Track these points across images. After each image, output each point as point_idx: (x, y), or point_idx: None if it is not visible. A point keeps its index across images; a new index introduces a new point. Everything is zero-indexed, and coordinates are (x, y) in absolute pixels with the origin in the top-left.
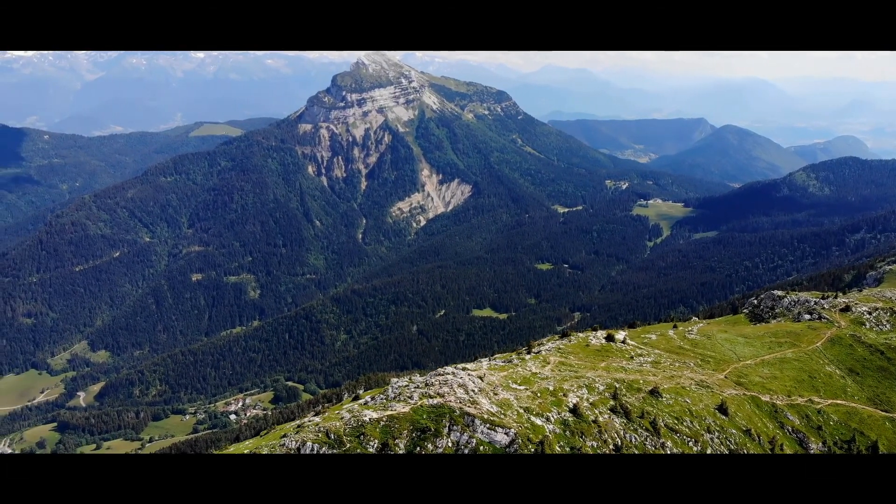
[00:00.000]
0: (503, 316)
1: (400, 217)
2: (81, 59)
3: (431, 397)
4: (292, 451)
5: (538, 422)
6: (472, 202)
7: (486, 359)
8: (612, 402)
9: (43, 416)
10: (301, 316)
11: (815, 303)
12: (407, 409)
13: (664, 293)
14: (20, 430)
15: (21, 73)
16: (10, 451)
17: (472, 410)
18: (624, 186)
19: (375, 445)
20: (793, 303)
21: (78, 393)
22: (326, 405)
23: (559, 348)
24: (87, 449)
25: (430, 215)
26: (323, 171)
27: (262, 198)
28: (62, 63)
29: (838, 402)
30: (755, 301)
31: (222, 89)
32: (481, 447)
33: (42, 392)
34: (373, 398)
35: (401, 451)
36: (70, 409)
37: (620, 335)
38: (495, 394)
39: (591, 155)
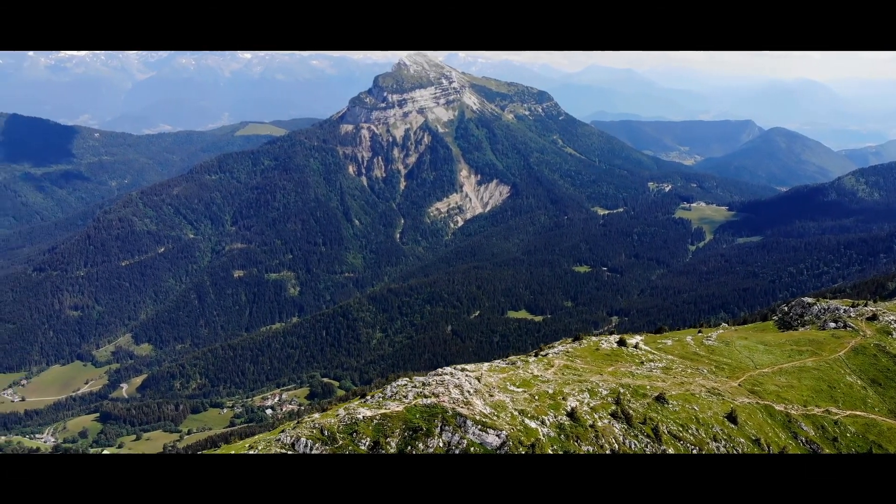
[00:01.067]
0: (538, 318)
1: (438, 217)
2: (133, 59)
3: (426, 397)
4: (286, 446)
5: (532, 425)
6: (511, 203)
7: (499, 362)
8: (613, 408)
9: (86, 406)
10: (338, 313)
11: (843, 311)
12: (401, 408)
13: (705, 298)
14: (64, 419)
15: (74, 73)
16: (53, 440)
17: (464, 411)
18: (667, 189)
19: (367, 443)
20: (822, 310)
21: (121, 384)
22: (343, 402)
23: (567, 352)
24: (128, 439)
25: (468, 216)
26: (363, 171)
27: (303, 197)
28: (114, 63)
29: (857, 413)
30: (785, 308)
31: (268, 89)
32: (472, 448)
33: (86, 383)
34: (372, 396)
35: (392, 450)
36: (113, 400)
37: (634, 340)
38: (491, 395)
39: (634, 156)
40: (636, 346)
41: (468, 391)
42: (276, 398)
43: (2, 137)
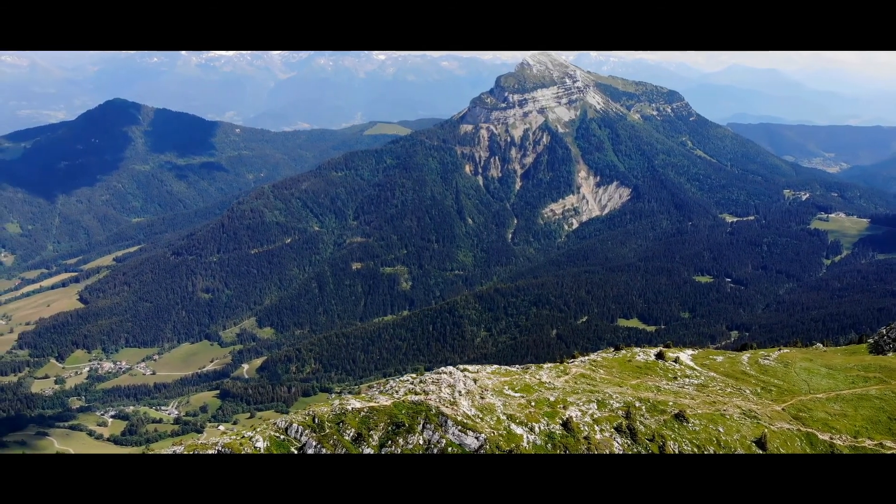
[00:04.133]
0: (651, 328)
1: (552, 219)
2: (276, 59)
3: (416, 394)
4: (280, 430)
5: (518, 430)
6: (630, 206)
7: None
8: (621, 421)
9: (209, 383)
10: (445, 310)
11: None
12: (389, 402)
13: (835, 317)
14: (188, 394)
15: (222, 72)
16: (176, 412)
17: (447, 411)
18: (804, 197)
19: (352, 434)
20: None
21: (242, 365)
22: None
23: (594, 361)
24: (243, 416)
25: (584, 218)
26: (479, 170)
27: (420, 195)
28: (259, 63)
29: None
30: (883, 331)
31: (399, 90)
32: (450, 448)
33: (211, 361)
34: (371, 388)
35: (374, 443)
36: (233, 378)
37: (676, 354)
38: (482, 397)
39: (771, 161)
40: (676, 361)
41: (459, 391)
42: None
43: (150, 129)
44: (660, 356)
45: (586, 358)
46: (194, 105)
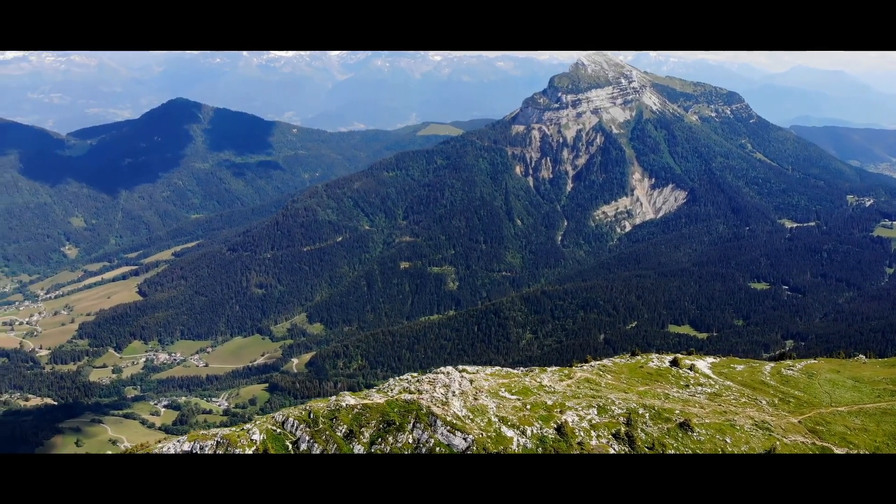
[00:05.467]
0: (703, 335)
1: (603, 221)
2: (334, 60)
3: (411, 393)
4: (277, 424)
5: (509, 433)
6: (686, 210)
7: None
8: (620, 428)
9: (259, 376)
10: (490, 311)
11: None
12: (382, 400)
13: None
14: (238, 387)
15: (282, 73)
16: (226, 404)
17: (437, 411)
18: (868, 203)
19: (343, 430)
20: None
21: (292, 359)
22: None
23: (603, 366)
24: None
25: (637, 221)
26: (530, 171)
27: (469, 195)
28: (317, 64)
29: None
30: None
31: (454, 90)
32: (438, 448)
33: (262, 355)
34: (370, 386)
35: (365, 440)
36: (283, 372)
37: (699, 361)
38: (475, 399)
39: (834, 166)
40: (691, 368)
41: (453, 392)
42: None
43: (210, 128)
44: (674, 363)
45: (596, 363)
46: (255, 105)
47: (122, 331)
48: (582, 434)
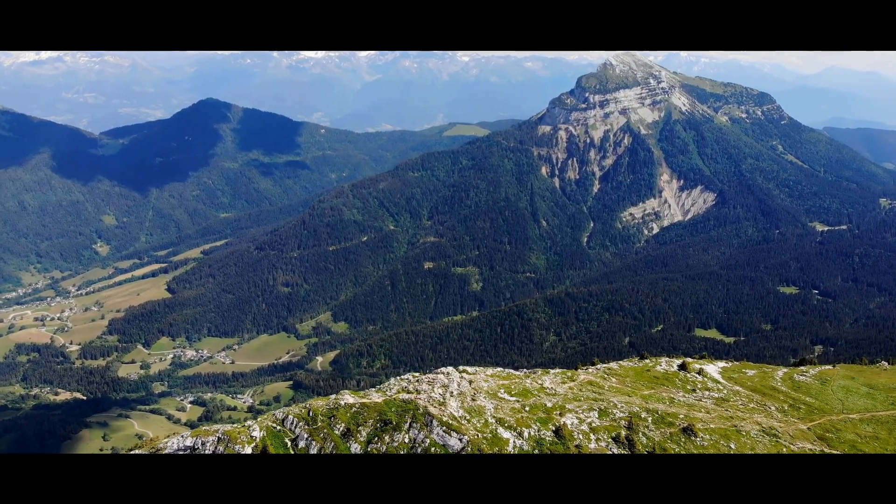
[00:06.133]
0: (730, 339)
1: (630, 223)
2: (362, 61)
3: (409, 392)
4: (278, 421)
5: (505, 434)
6: (715, 212)
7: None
8: (621, 431)
9: (283, 374)
10: (514, 312)
11: None
12: (381, 399)
13: None
14: (263, 384)
15: (311, 73)
16: (251, 401)
17: (434, 411)
18: None
19: (341, 429)
20: None
21: (316, 357)
22: None
23: (609, 368)
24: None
25: (665, 223)
26: (556, 172)
27: (494, 196)
28: (346, 65)
29: None
30: None
31: (481, 91)
32: (433, 448)
33: (287, 353)
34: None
35: (362, 439)
36: (307, 370)
37: (709, 366)
38: (473, 399)
39: (868, 168)
40: (699, 373)
41: (451, 392)
42: None
43: (239, 127)
44: (682, 367)
45: (602, 366)
46: (284, 105)
47: (150, 327)
48: (581, 437)
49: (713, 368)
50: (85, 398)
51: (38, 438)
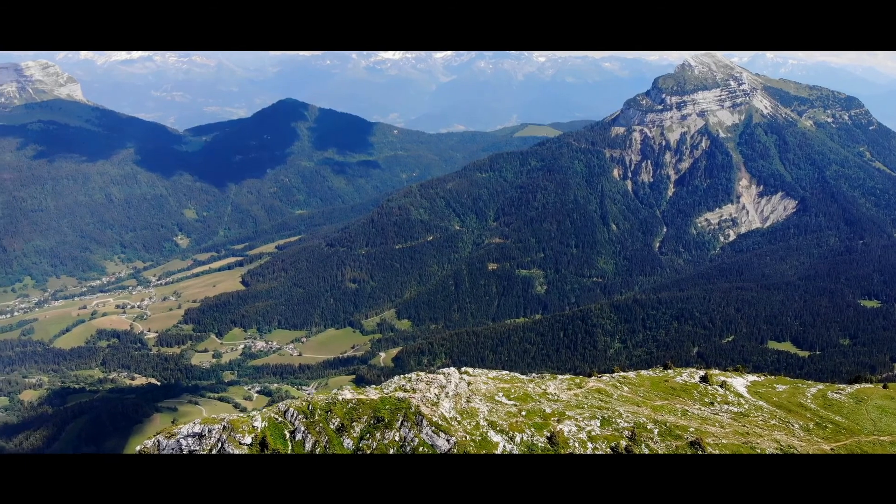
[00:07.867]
0: (804, 353)
1: (706, 229)
2: (438, 62)
3: (405, 391)
4: (280, 413)
5: (495, 438)
6: (795, 220)
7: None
8: (621, 442)
9: (347, 368)
10: (577, 317)
11: None
12: (377, 396)
13: None
14: (327, 377)
15: (388, 74)
16: (313, 391)
17: (425, 411)
18: None
19: (336, 424)
20: None
21: (379, 353)
22: None
23: (623, 377)
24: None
25: (742, 230)
26: (629, 174)
27: (562, 198)
28: (422, 66)
29: None
30: None
31: (557, 92)
32: (422, 448)
33: (352, 347)
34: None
35: (355, 434)
36: (369, 365)
37: (736, 379)
38: (468, 401)
39: None
40: (721, 385)
41: (447, 393)
42: None
43: (315, 126)
44: (704, 379)
45: (618, 374)
46: (361, 106)
47: (224, 318)
48: (577, 445)
49: (740, 382)
50: (158, 384)
51: (111, 421)
